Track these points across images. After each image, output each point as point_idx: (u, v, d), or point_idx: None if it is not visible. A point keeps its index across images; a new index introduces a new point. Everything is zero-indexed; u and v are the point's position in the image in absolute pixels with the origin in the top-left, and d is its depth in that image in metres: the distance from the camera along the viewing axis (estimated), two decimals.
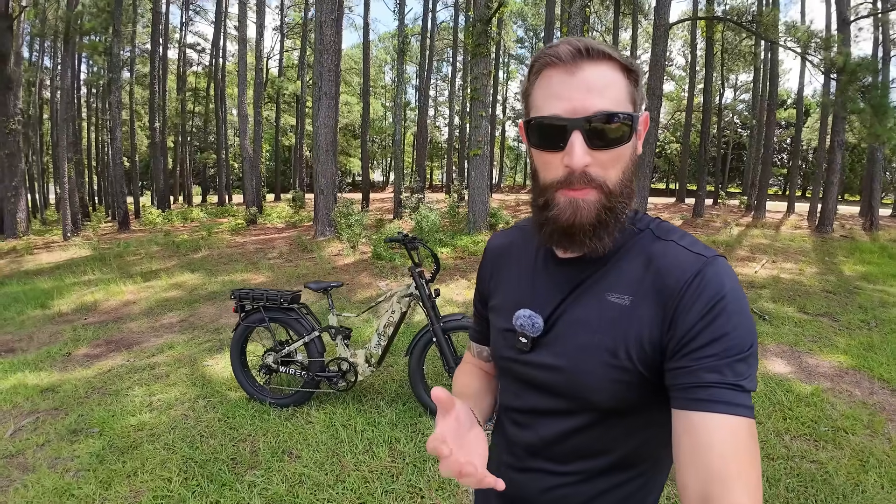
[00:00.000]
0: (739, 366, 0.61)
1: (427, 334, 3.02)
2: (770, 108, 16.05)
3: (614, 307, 0.71)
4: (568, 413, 0.76)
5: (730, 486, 0.56)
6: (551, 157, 0.69)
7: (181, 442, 2.92)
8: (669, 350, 0.65)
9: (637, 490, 0.78)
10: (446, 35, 28.66)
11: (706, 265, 0.66)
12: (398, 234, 2.89)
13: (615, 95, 0.67)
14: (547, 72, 0.68)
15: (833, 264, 8.69)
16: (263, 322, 3.31)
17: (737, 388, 0.60)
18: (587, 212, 0.68)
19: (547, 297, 0.78)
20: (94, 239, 12.72)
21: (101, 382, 3.93)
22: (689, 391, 0.62)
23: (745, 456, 0.58)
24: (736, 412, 0.59)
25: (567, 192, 0.69)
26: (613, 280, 0.72)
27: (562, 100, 0.66)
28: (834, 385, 3.81)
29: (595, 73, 0.66)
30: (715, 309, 0.63)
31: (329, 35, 9.95)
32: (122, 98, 23.29)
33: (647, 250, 0.72)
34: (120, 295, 7.02)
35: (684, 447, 0.61)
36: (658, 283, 0.68)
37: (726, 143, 30.96)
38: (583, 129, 0.65)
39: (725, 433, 0.58)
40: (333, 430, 3.04)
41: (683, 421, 0.62)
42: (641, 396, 0.70)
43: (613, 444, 0.75)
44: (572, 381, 0.73)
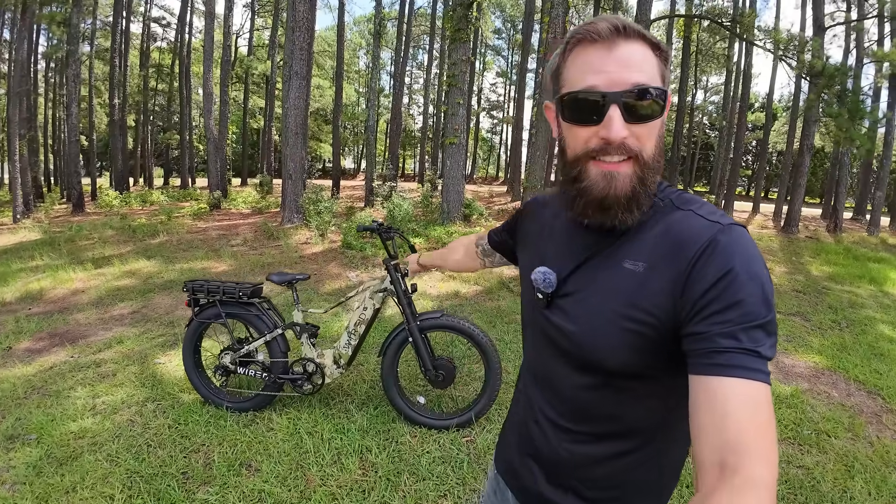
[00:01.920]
0: (756, 332, 0.60)
1: (402, 333, 2.77)
2: (741, 110, 16.32)
3: (628, 273, 0.72)
4: (578, 371, 0.77)
5: (746, 455, 0.55)
6: (585, 130, 0.70)
7: (126, 452, 2.59)
8: (683, 317, 0.65)
9: (646, 460, 0.78)
10: (423, 21, 28.10)
11: (720, 233, 0.66)
12: (372, 223, 2.62)
13: (650, 71, 0.68)
14: (583, 48, 0.69)
15: (801, 264, 8.85)
16: (220, 318, 2.98)
17: (753, 353, 0.59)
18: (622, 183, 0.69)
19: (565, 258, 0.81)
20: (46, 222, 11.93)
21: (42, 381, 3.56)
22: (705, 356, 0.61)
23: (762, 422, 0.57)
24: (753, 377, 0.58)
25: (600, 164, 0.69)
26: (630, 248, 0.73)
27: (600, 73, 0.67)
28: (812, 386, 3.78)
29: (631, 49, 0.68)
30: (728, 275, 0.62)
31: (302, 11, 9.48)
32: (82, 73, 21.99)
33: (666, 220, 0.73)
34: (68, 283, 6.52)
35: (700, 412, 0.60)
36: (672, 250, 0.69)
37: (695, 143, 31.60)
38: (620, 103, 0.67)
39: (742, 398, 0.57)
40: (298, 438, 2.75)
41: (700, 386, 0.61)
42: (651, 363, 0.71)
43: (620, 407, 0.75)
44: (583, 342, 0.75)
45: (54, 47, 19.45)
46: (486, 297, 5.81)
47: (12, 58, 12.72)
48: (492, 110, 44.66)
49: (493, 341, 2.79)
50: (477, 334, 2.71)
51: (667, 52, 0.71)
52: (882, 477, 2.61)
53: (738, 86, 17.74)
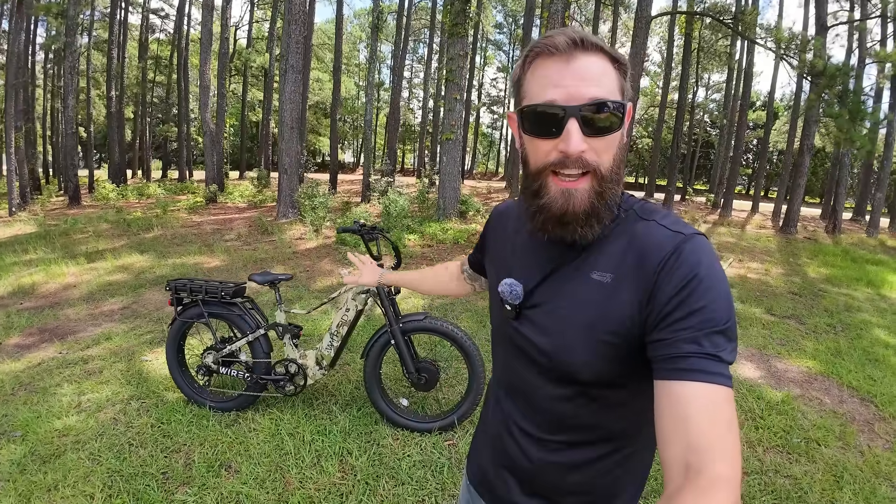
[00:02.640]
0: (717, 337, 0.62)
1: (385, 335, 2.72)
2: (742, 109, 16.21)
3: (597, 285, 0.73)
4: (552, 382, 0.78)
5: (710, 455, 0.56)
6: (545, 143, 0.71)
7: (108, 451, 2.58)
8: (649, 324, 0.67)
9: (622, 462, 0.79)
10: (424, 15, 27.90)
11: (684, 242, 0.68)
12: (354, 224, 2.57)
13: (608, 85, 0.69)
14: (542, 61, 0.70)
15: (798, 265, 8.80)
16: (202, 317, 2.95)
17: (715, 358, 0.61)
18: (580, 200, 0.70)
19: (532, 269, 0.81)
20: (41, 215, 11.87)
21: (30, 378, 3.54)
22: (668, 361, 0.63)
23: (724, 423, 0.58)
24: (714, 380, 0.60)
25: (559, 181, 0.70)
26: (597, 259, 0.74)
27: (558, 87, 0.68)
28: (804, 392, 3.73)
29: (589, 63, 0.68)
30: (692, 283, 0.64)
31: (298, 4, 9.37)
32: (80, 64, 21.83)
33: (629, 230, 0.74)
34: (61, 277, 6.48)
35: (664, 416, 0.62)
36: (638, 261, 0.70)
37: (695, 141, 31.48)
38: (578, 116, 0.67)
39: (704, 401, 0.59)
40: (279, 439, 2.72)
41: (663, 391, 0.63)
42: (622, 372, 0.72)
43: (596, 415, 0.76)
44: (554, 354, 0.75)
45: (52, 38, 19.30)
46: (478, 297, 5.77)
47: (9, 49, 12.57)
48: (492, 105, 44.48)
49: (476, 345, 2.75)
50: (460, 337, 2.66)
51: (626, 65, 0.72)
52: (871, 488, 2.56)
53: (740, 84, 17.63)
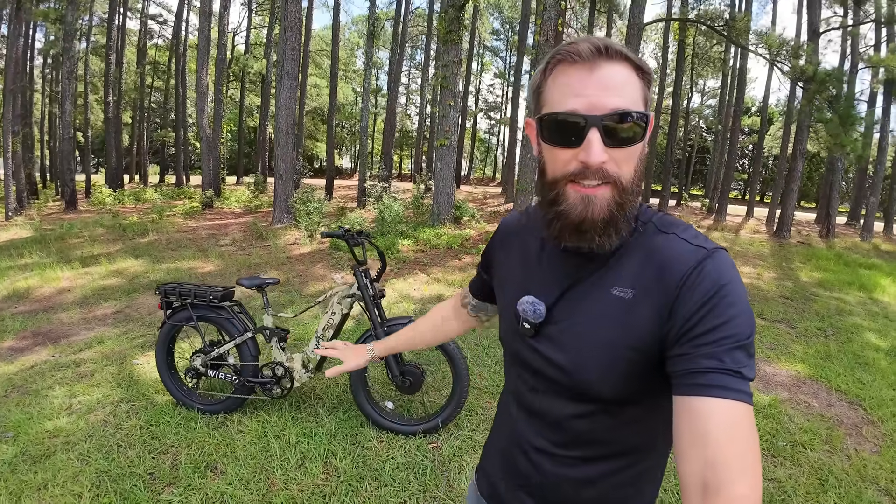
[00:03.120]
0: (738, 353, 0.61)
1: (370, 339, 2.74)
2: (736, 115, 16.31)
3: (617, 301, 0.71)
4: (569, 400, 0.77)
5: (729, 474, 0.55)
6: (564, 152, 0.70)
7: (97, 452, 2.62)
8: (669, 340, 0.66)
9: (637, 476, 0.79)
10: (421, 22, 28.06)
11: (706, 258, 0.67)
12: (339, 229, 2.59)
13: (631, 94, 0.68)
14: (564, 68, 0.69)
15: (790, 270, 8.83)
16: (191, 321, 2.97)
17: (736, 374, 0.60)
18: (600, 208, 0.68)
19: (550, 285, 0.79)
20: (37, 219, 11.87)
21: (22, 380, 3.60)
22: (688, 377, 0.62)
23: (744, 441, 0.58)
24: (735, 397, 0.59)
25: (578, 187, 0.69)
26: (617, 274, 0.73)
27: (580, 96, 0.67)
28: (792, 395, 3.74)
29: (612, 71, 0.67)
30: (714, 299, 0.63)
31: (293, 11, 9.43)
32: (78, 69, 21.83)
33: (649, 244, 0.73)
34: (55, 281, 6.50)
35: (683, 433, 0.61)
36: (659, 275, 0.69)
37: (691, 147, 31.62)
38: (600, 126, 0.66)
39: (724, 418, 0.58)
40: (265, 441, 2.74)
41: (683, 406, 0.62)
42: (642, 388, 0.72)
43: (613, 431, 0.76)
44: (574, 372, 0.74)
45: (50, 43, 19.33)
46: None
47: (7, 55, 12.59)
48: (489, 111, 44.63)
49: (460, 349, 2.76)
50: None
51: (650, 73, 0.71)
52: (857, 492, 2.55)
53: (734, 90, 17.74)
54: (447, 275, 6.83)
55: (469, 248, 8.48)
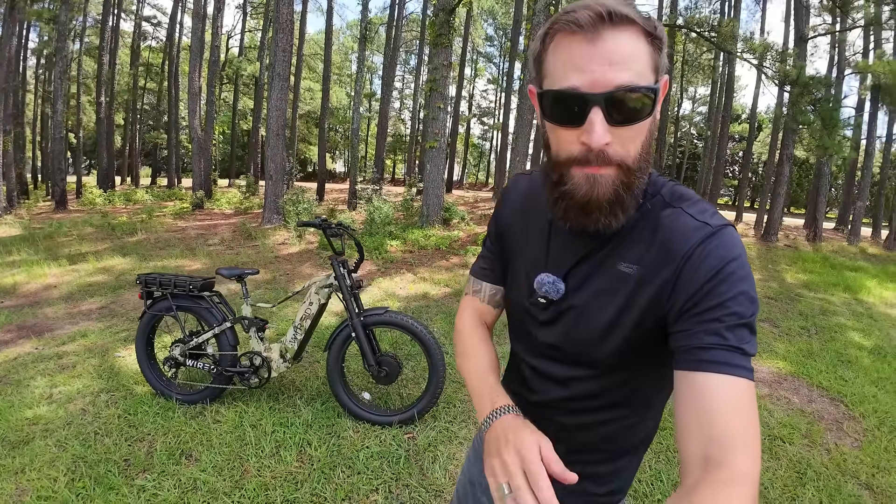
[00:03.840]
0: (741, 330, 0.61)
1: (346, 329, 2.73)
2: (724, 121, 16.48)
3: (623, 276, 0.72)
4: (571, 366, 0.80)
5: (731, 449, 0.56)
6: (567, 132, 0.66)
7: (74, 439, 2.66)
8: (672, 315, 0.66)
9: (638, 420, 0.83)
10: (415, 27, 28.20)
11: (710, 235, 0.66)
12: (316, 219, 2.59)
13: (639, 67, 0.62)
14: (564, 37, 0.63)
15: (776, 272, 8.90)
16: (171, 311, 2.96)
17: (738, 350, 0.60)
18: (605, 188, 0.65)
19: (560, 260, 0.79)
20: (27, 218, 11.79)
21: (5, 371, 3.61)
22: (691, 352, 0.62)
23: (746, 417, 0.58)
24: (737, 373, 0.60)
25: (584, 168, 0.65)
26: (624, 249, 0.72)
27: (582, 72, 0.61)
28: (772, 391, 3.76)
29: (618, 41, 0.61)
30: (719, 275, 0.63)
31: (285, 13, 9.46)
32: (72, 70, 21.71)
33: (655, 218, 0.71)
34: (42, 278, 6.46)
35: (686, 407, 0.61)
36: (663, 252, 0.68)
37: (682, 153, 31.87)
38: (603, 105, 0.61)
39: (727, 393, 0.59)
40: (241, 430, 2.73)
41: (685, 381, 0.62)
42: (641, 358, 0.74)
43: (611, 389, 0.79)
44: (577, 344, 0.77)
45: (44, 44, 19.28)
46: (454, 300, 5.78)
47: (0, 54, 12.52)
48: (483, 116, 44.80)
49: (436, 339, 2.76)
50: (419, 331, 2.68)
51: (661, 36, 0.64)
52: (836, 485, 2.54)
53: (723, 97, 17.93)
54: (434, 274, 6.83)
55: (457, 249, 8.48)
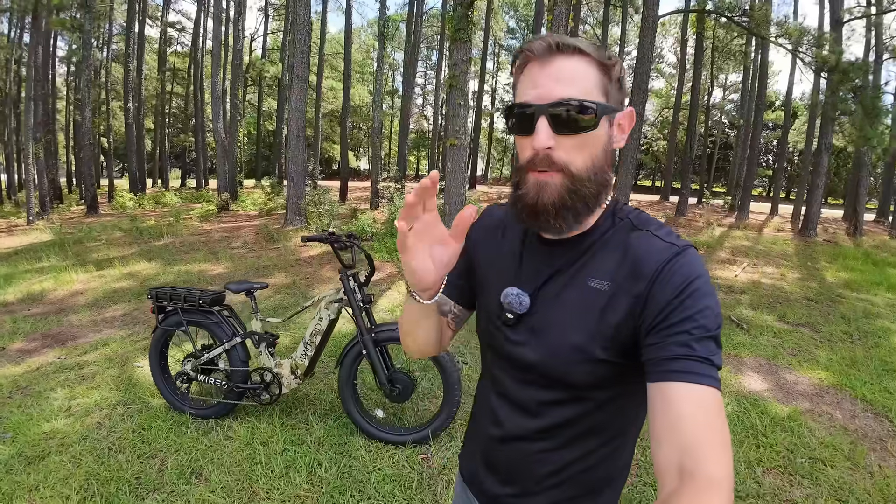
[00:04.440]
0: (708, 343, 0.64)
1: (358, 345, 2.63)
2: (758, 109, 15.81)
3: (594, 292, 0.74)
4: (544, 389, 0.79)
5: (702, 457, 0.57)
6: (524, 140, 0.73)
7: (89, 455, 2.66)
8: (643, 330, 0.69)
9: (607, 456, 0.82)
10: (435, 22, 28.00)
11: (677, 254, 0.70)
12: (322, 232, 2.49)
13: (583, 85, 0.70)
14: (527, 65, 0.74)
15: (815, 270, 8.48)
16: (181, 325, 2.93)
17: (706, 361, 0.63)
18: (550, 193, 0.71)
19: (531, 276, 0.81)
20: (58, 223, 12.13)
21: (27, 381, 3.67)
22: (661, 364, 0.65)
23: (716, 425, 0.60)
24: (706, 382, 0.62)
25: (535, 173, 0.72)
26: (594, 266, 0.76)
27: (534, 88, 0.71)
28: (813, 406, 3.52)
29: (564, 64, 0.71)
30: (685, 292, 0.66)
31: (303, 14, 9.43)
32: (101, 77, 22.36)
33: (625, 239, 0.76)
34: (69, 284, 6.60)
35: (657, 418, 0.63)
36: (634, 269, 0.72)
37: (713, 143, 30.89)
38: (547, 114, 0.70)
39: (696, 402, 0.61)
40: (252, 448, 2.68)
41: (657, 392, 0.64)
42: (613, 376, 0.75)
43: (588, 415, 0.78)
44: (550, 361, 0.77)
45: (72, 52, 19.83)
46: None
47: (28, 63, 12.89)
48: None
49: (452, 356, 2.64)
50: None
51: (609, 64, 0.73)
52: None
53: (755, 84, 17.22)
54: None
55: None
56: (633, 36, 24.71)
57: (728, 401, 3.46)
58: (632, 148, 9.08)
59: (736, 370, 4.06)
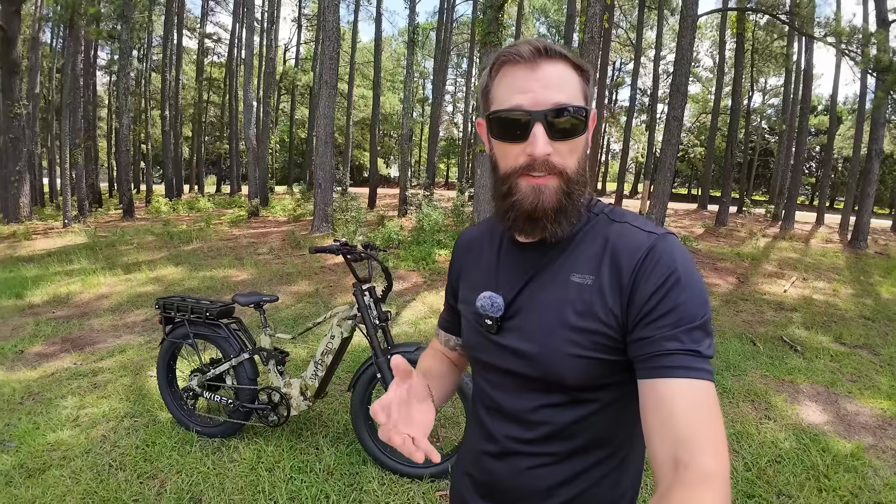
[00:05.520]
0: (695, 333, 0.63)
1: (372, 367, 2.43)
2: (803, 113, 15.03)
3: (577, 287, 0.73)
4: (539, 393, 0.76)
5: (697, 450, 0.57)
6: (513, 147, 0.72)
7: (89, 471, 2.56)
8: (630, 323, 0.68)
9: (612, 470, 0.78)
10: (465, 30, 27.93)
11: (657, 241, 0.69)
12: (334, 243, 2.31)
13: (571, 91, 0.71)
14: (508, 68, 0.72)
15: (869, 285, 7.88)
16: (188, 338, 2.79)
17: (695, 353, 0.62)
18: (549, 197, 0.71)
19: (510, 280, 0.80)
20: (93, 227, 12.45)
21: (40, 387, 3.62)
22: (650, 360, 0.64)
23: (710, 418, 0.59)
24: (697, 375, 0.61)
25: (529, 178, 0.71)
26: (574, 262, 0.75)
27: (525, 93, 0.70)
28: (877, 441, 3.14)
29: (553, 69, 0.71)
30: (668, 281, 0.66)
31: (331, 21, 9.43)
32: (140, 86, 23.11)
33: (603, 232, 0.75)
34: (96, 287, 6.65)
35: (650, 414, 0.63)
36: (615, 261, 0.71)
37: (753, 149, 29.78)
38: (544, 120, 0.69)
39: (688, 396, 0.60)
40: (256, 474, 2.50)
41: (648, 389, 0.64)
42: (609, 374, 0.72)
43: (585, 422, 0.75)
44: (541, 362, 0.74)
45: (112, 61, 20.54)
46: None
47: (63, 71, 13.35)
48: None
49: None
50: None
51: (588, 71, 0.74)
52: None
53: (799, 87, 16.41)
54: None
55: None
56: (668, 39, 24.07)
57: (786, 436, 3.11)
58: (669, 155, 8.69)
59: (792, 399, 3.68)
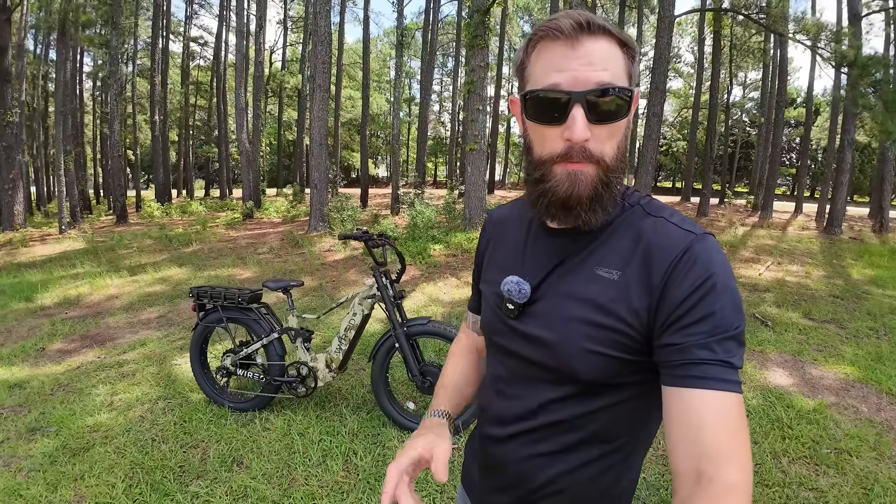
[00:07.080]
0: (729, 343, 0.61)
1: (390, 339, 2.77)
2: (779, 106, 15.61)
3: (603, 281, 0.70)
4: (551, 383, 0.75)
5: (722, 463, 0.57)
6: (550, 130, 0.68)
7: (132, 446, 2.79)
8: (658, 325, 0.65)
9: (615, 464, 0.77)
10: (450, 30, 28.28)
11: (695, 241, 0.66)
12: (356, 231, 2.64)
13: (615, 70, 0.66)
14: (547, 44, 0.67)
15: (841, 267, 8.36)
16: (221, 322, 3.10)
17: (727, 364, 0.60)
18: (585, 184, 0.67)
19: (536, 266, 0.78)
20: (90, 232, 12.58)
21: (68, 379, 3.83)
22: (680, 368, 0.62)
23: (737, 432, 0.58)
24: (727, 388, 0.60)
25: (565, 164, 0.68)
26: (603, 254, 0.72)
27: (563, 72, 0.65)
28: (839, 400, 3.53)
29: (595, 46, 0.65)
30: (705, 286, 0.62)
31: (323, 26, 9.69)
32: (126, 91, 23.12)
33: (636, 226, 0.71)
34: (105, 289, 6.87)
35: (676, 423, 0.61)
36: (647, 258, 0.68)
37: (734, 142, 30.47)
38: (584, 102, 0.65)
39: (718, 409, 0.59)
40: (289, 438, 2.82)
41: (675, 397, 0.62)
42: (624, 372, 0.70)
43: (593, 416, 0.74)
44: (557, 352, 0.72)
45: (98, 67, 20.53)
46: None
47: (56, 78, 13.45)
48: None
49: None
50: None
51: (633, 48, 0.69)
52: None
53: (776, 81, 17.01)
54: None
55: None
56: (649, 37, 24.57)
57: (753, 395, 3.50)
58: (651, 150, 9.09)
59: (761, 366, 4.08)
